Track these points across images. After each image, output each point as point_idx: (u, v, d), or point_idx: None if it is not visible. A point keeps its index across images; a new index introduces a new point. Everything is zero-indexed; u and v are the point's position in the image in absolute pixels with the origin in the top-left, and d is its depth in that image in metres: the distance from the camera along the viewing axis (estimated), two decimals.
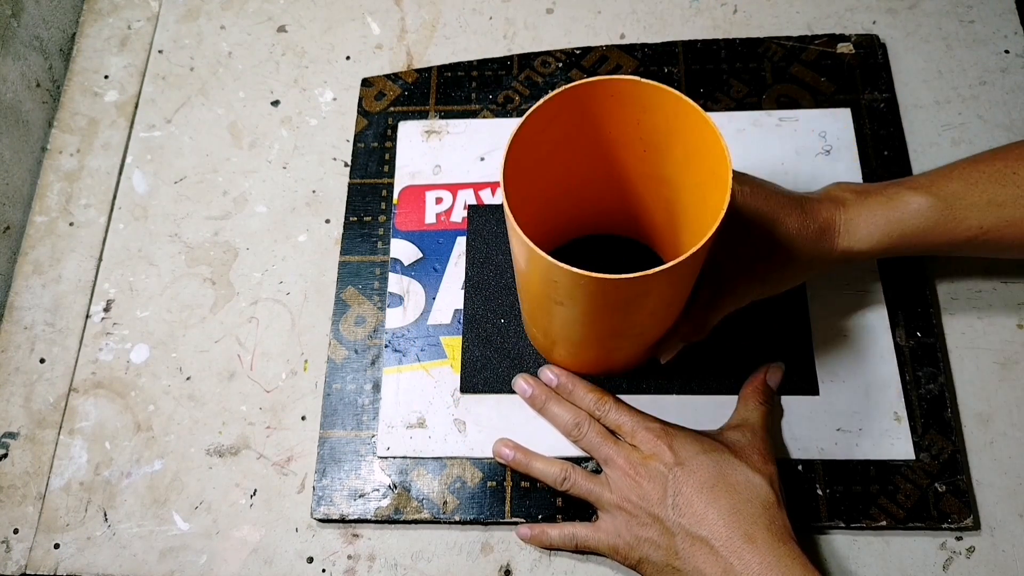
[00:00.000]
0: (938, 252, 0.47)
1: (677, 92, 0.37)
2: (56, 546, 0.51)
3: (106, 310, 0.57)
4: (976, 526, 0.47)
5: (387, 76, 0.61)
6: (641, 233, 0.52)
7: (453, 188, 0.57)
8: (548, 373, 0.50)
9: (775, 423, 0.49)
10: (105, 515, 0.51)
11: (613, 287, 0.35)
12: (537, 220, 0.36)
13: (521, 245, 0.36)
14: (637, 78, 0.38)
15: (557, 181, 0.45)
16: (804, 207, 0.44)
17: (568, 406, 0.48)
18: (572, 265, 0.34)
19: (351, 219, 0.57)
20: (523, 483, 0.49)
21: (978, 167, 0.45)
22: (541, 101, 0.37)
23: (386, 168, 0.58)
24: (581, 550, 0.47)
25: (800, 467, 0.48)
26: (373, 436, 0.51)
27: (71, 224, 0.60)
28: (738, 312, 0.46)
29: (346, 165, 0.59)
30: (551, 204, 0.46)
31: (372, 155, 0.59)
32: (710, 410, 0.50)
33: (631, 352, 0.48)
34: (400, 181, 0.57)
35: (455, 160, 0.58)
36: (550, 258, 0.35)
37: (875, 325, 0.51)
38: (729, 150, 0.36)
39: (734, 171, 0.41)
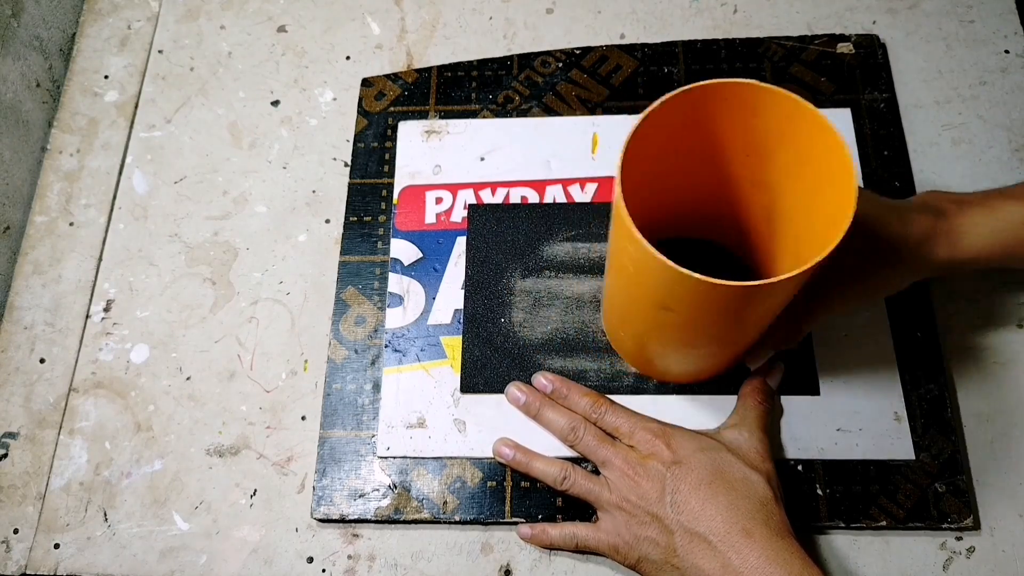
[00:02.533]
0: None
1: (794, 95, 0.37)
2: (56, 546, 0.51)
3: (106, 310, 0.57)
4: (976, 526, 0.47)
5: (387, 76, 0.61)
6: (728, 238, 0.51)
7: (453, 188, 0.57)
8: (541, 379, 0.50)
9: (775, 422, 0.49)
10: (105, 515, 0.51)
11: (735, 294, 0.34)
12: (638, 221, 0.35)
13: (636, 247, 0.35)
14: (753, 81, 0.37)
15: (660, 182, 0.44)
16: (904, 215, 0.43)
17: (563, 411, 0.48)
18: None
19: (351, 219, 0.57)
20: (523, 483, 0.49)
21: None
22: (658, 102, 0.37)
23: (386, 168, 0.58)
24: (581, 550, 0.47)
25: (800, 467, 0.48)
26: (373, 436, 0.51)
27: (71, 224, 0.60)
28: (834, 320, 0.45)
29: (346, 165, 0.59)
30: (652, 206, 0.45)
31: (372, 155, 0.59)
32: (710, 410, 0.50)
33: (725, 359, 0.47)
34: (400, 181, 0.57)
35: (455, 160, 0.58)
36: (671, 263, 0.34)
37: (875, 325, 0.51)
38: (852, 157, 0.35)
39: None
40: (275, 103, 0.62)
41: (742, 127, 0.40)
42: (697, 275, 0.33)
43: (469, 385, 0.52)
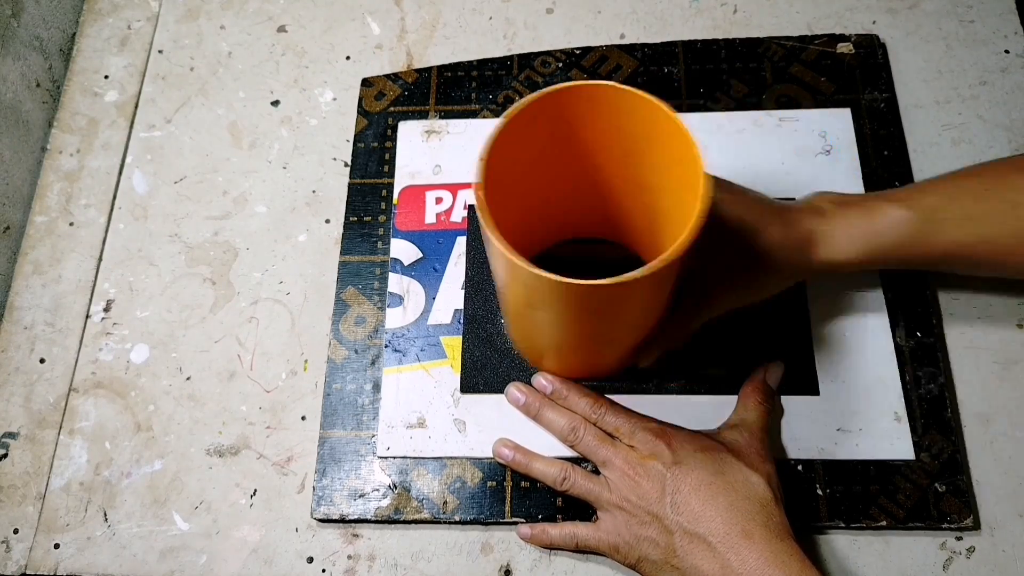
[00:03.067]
0: (916, 266, 0.47)
1: (652, 97, 0.37)
2: (56, 546, 0.51)
3: (106, 310, 0.57)
4: (976, 526, 0.47)
5: (387, 76, 0.61)
6: (623, 237, 0.52)
7: (453, 188, 0.57)
8: (541, 380, 0.50)
9: (775, 423, 0.49)
10: (105, 515, 0.51)
11: (590, 292, 0.35)
12: (516, 226, 0.36)
13: (498, 253, 0.36)
14: (614, 84, 0.38)
15: (535, 186, 0.44)
16: (785, 217, 0.44)
17: (563, 411, 0.48)
18: (553, 270, 0.34)
19: (351, 219, 0.57)
20: (523, 483, 0.49)
21: (957, 182, 0.45)
22: (517, 105, 0.37)
23: (386, 168, 0.58)
24: (581, 549, 0.47)
25: (800, 467, 0.48)
26: (373, 436, 0.51)
27: (71, 224, 0.60)
28: (718, 319, 0.46)
29: (346, 165, 0.59)
30: (529, 209, 0.46)
31: (372, 155, 0.59)
32: (710, 410, 0.50)
33: (612, 357, 0.48)
34: (400, 181, 0.57)
35: (455, 160, 0.58)
36: (526, 264, 0.34)
37: (875, 325, 0.51)
38: (703, 156, 0.36)
39: (717, 178, 0.41)
40: (275, 103, 0.62)
41: (613, 129, 0.41)
42: (544, 273, 0.34)
43: (469, 385, 0.52)
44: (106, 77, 0.64)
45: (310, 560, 0.50)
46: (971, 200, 0.44)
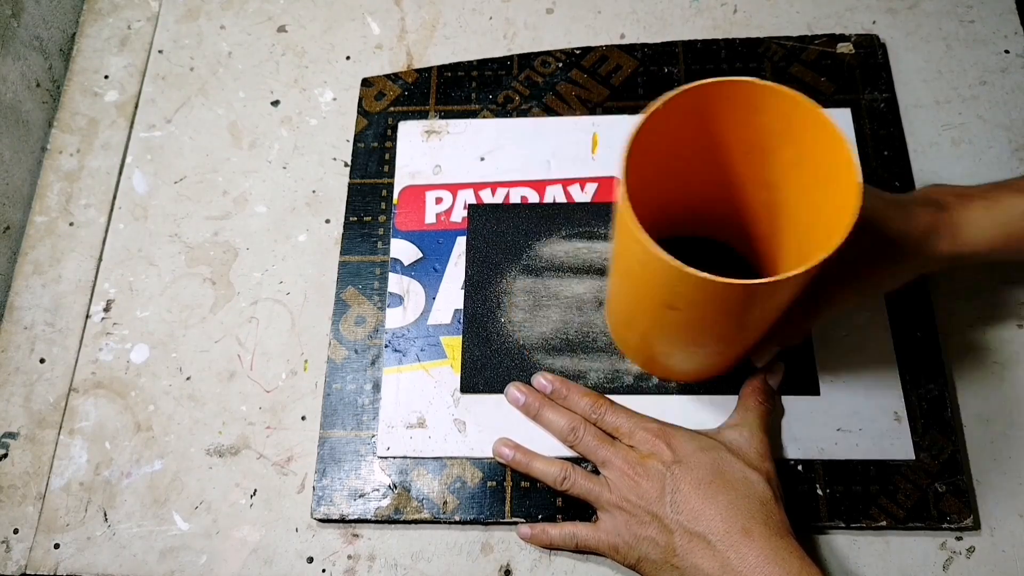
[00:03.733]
0: None
1: (794, 92, 0.37)
2: (56, 546, 0.51)
3: (106, 310, 0.57)
4: (976, 526, 0.47)
5: (387, 76, 0.61)
6: (731, 236, 0.51)
7: (453, 188, 0.57)
8: (541, 379, 0.50)
9: (775, 423, 0.49)
10: (105, 515, 0.51)
11: (740, 292, 0.34)
12: (641, 221, 0.36)
13: (640, 247, 0.35)
14: (753, 79, 0.37)
15: (662, 181, 0.43)
16: (906, 209, 0.43)
17: (562, 411, 0.48)
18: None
19: (351, 219, 0.57)
20: (523, 483, 0.49)
21: None
22: (659, 102, 0.37)
23: (386, 168, 0.58)
24: (581, 549, 0.47)
25: (800, 467, 0.48)
26: (373, 436, 0.51)
27: (71, 224, 0.60)
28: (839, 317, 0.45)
29: (346, 165, 0.59)
30: (654, 205, 0.44)
31: (372, 155, 0.59)
32: (710, 410, 0.50)
33: (730, 357, 0.47)
34: (400, 181, 0.57)
35: (455, 160, 0.58)
36: (676, 262, 0.34)
37: (875, 325, 0.51)
38: (855, 156, 0.35)
39: None
40: (275, 103, 0.62)
41: (743, 125, 0.40)
42: (703, 274, 0.33)
43: (469, 385, 0.52)
44: (106, 77, 0.64)
45: (310, 560, 0.50)
46: None
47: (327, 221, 0.58)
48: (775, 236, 0.46)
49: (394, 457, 0.50)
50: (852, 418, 0.49)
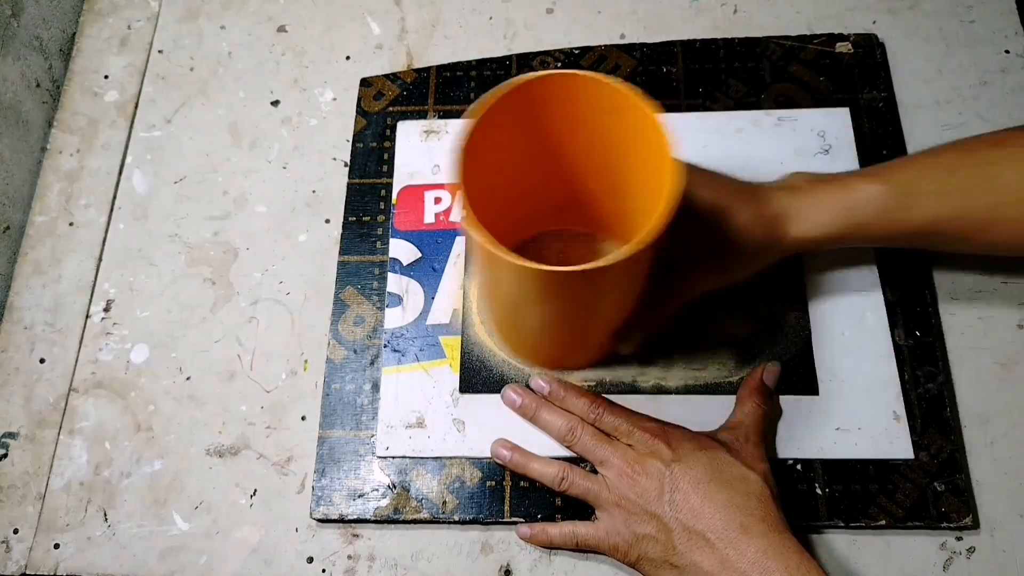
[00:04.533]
0: (892, 242, 0.47)
1: (611, 81, 0.38)
2: (56, 546, 0.51)
3: (106, 310, 0.57)
4: (975, 525, 0.47)
5: (386, 76, 0.61)
6: (594, 226, 0.52)
7: (452, 188, 0.57)
8: (539, 381, 0.50)
9: (774, 424, 0.49)
10: (105, 515, 0.51)
11: (565, 278, 0.35)
12: (493, 220, 0.37)
13: (479, 245, 0.36)
14: (574, 71, 0.38)
15: (508, 178, 0.45)
16: (756, 196, 0.44)
17: (560, 412, 0.48)
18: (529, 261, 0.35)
19: (350, 219, 0.57)
20: (522, 483, 0.49)
21: (932, 157, 0.45)
22: (488, 97, 0.38)
23: (385, 168, 0.58)
24: (581, 549, 0.47)
25: (799, 466, 0.48)
26: (372, 436, 0.51)
27: (71, 224, 0.60)
28: (695, 302, 0.47)
29: (346, 165, 0.59)
30: (505, 202, 0.46)
31: (371, 155, 0.59)
32: (709, 411, 0.49)
33: (591, 345, 0.49)
34: (399, 181, 0.58)
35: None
36: (505, 253, 0.35)
37: (875, 325, 0.51)
38: (671, 141, 0.36)
39: (687, 163, 0.42)
40: (275, 103, 0.62)
41: (579, 117, 0.41)
42: (523, 261, 0.35)
43: (468, 385, 0.52)
44: (106, 77, 0.64)
45: (310, 560, 0.50)
46: (946, 174, 0.44)
47: (327, 221, 0.58)
48: (627, 224, 0.47)
49: (393, 457, 0.50)
50: (851, 417, 0.49)
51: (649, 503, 0.43)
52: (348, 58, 0.63)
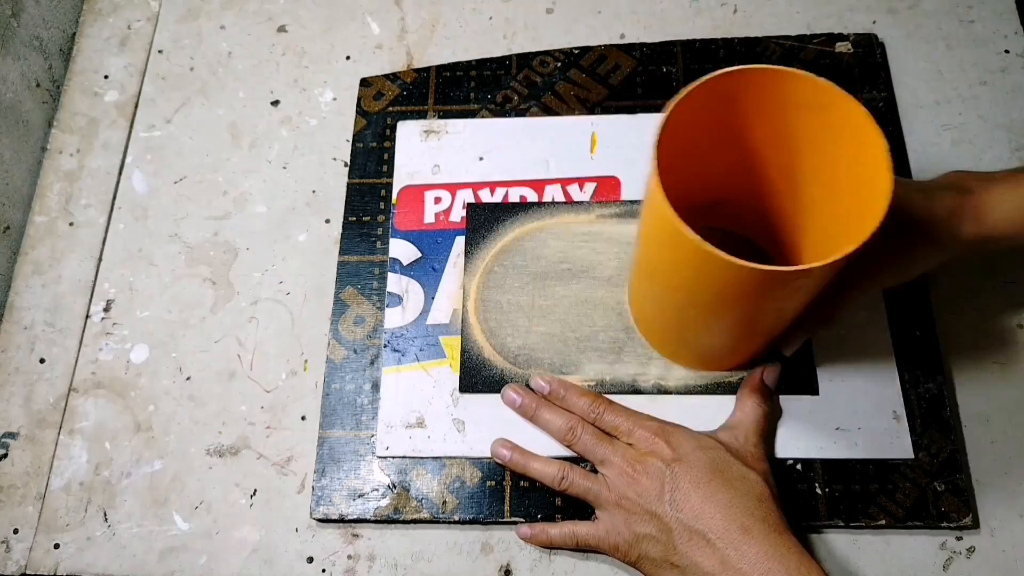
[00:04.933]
0: None
1: (826, 81, 0.37)
2: (56, 546, 0.51)
3: (106, 310, 0.57)
4: (975, 525, 0.47)
5: (386, 76, 0.61)
6: (751, 228, 0.51)
7: (452, 188, 0.57)
8: (539, 380, 0.50)
9: (773, 424, 0.49)
10: (105, 515, 0.51)
11: (771, 279, 0.34)
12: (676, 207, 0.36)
13: (672, 231, 0.35)
14: (782, 68, 0.37)
15: (688, 171, 0.43)
16: (928, 193, 0.43)
17: (559, 411, 0.48)
18: None
19: (350, 219, 0.57)
20: (522, 483, 0.49)
21: None
22: (690, 88, 0.37)
23: (385, 168, 0.58)
24: (581, 548, 0.47)
25: (799, 466, 0.48)
26: (372, 436, 0.51)
27: (71, 224, 0.60)
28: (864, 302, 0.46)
29: (346, 165, 0.59)
30: (680, 194, 0.45)
31: (371, 155, 0.59)
32: (710, 410, 0.49)
33: (758, 345, 0.48)
34: (399, 181, 0.58)
35: (454, 160, 0.58)
36: (715, 250, 0.34)
37: (875, 324, 0.51)
38: (886, 145, 0.35)
39: None
40: (275, 103, 0.62)
41: (771, 114, 0.40)
42: (736, 259, 0.34)
43: (468, 385, 0.52)
44: (106, 77, 0.64)
45: (310, 560, 0.50)
46: None
47: (327, 221, 0.58)
48: (799, 226, 0.46)
49: (393, 457, 0.50)
50: (851, 417, 0.49)
51: (649, 502, 0.43)
52: (348, 58, 0.63)
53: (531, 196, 0.56)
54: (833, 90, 0.37)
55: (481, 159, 0.58)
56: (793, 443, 0.49)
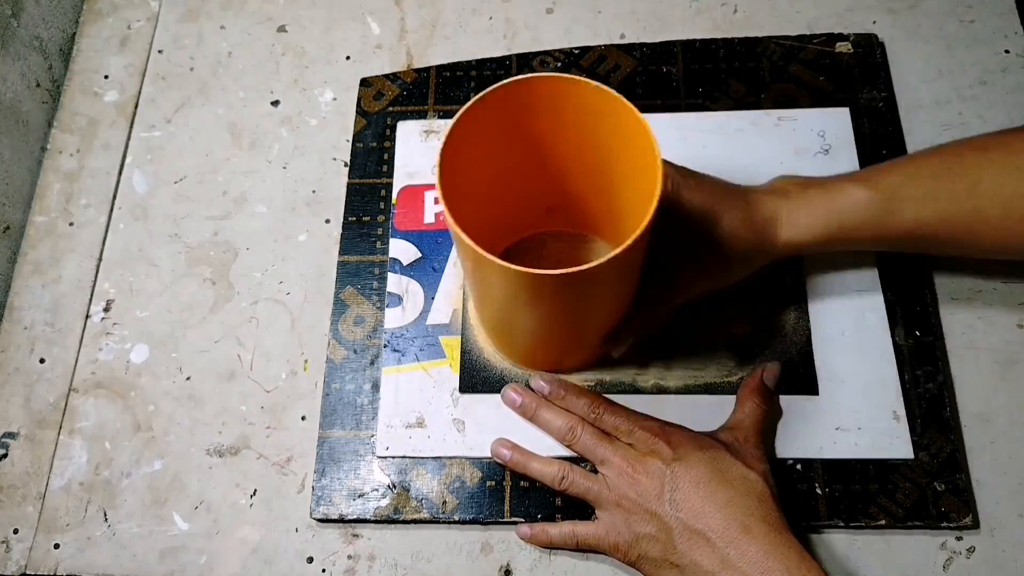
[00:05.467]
0: (879, 246, 0.48)
1: (597, 83, 0.38)
2: (56, 546, 0.51)
3: (106, 310, 0.57)
4: (975, 525, 0.47)
5: (386, 76, 0.61)
6: (589, 227, 0.52)
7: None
8: (539, 381, 0.50)
9: (774, 424, 0.49)
10: (105, 515, 0.51)
11: (554, 281, 0.35)
12: (482, 223, 0.38)
13: (466, 248, 0.36)
14: (559, 75, 0.39)
15: (497, 182, 0.45)
16: (746, 200, 0.45)
17: (559, 411, 0.48)
18: (525, 264, 0.35)
19: (350, 219, 0.57)
20: (522, 483, 0.49)
21: (918, 162, 0.46)
22: (469, 103, 0.38)
23: (385, 168, 0.58)
24: (581, 548, 0.47)
25: (799, 466, 0.48)
26: (372, 436, 0.51)
27: (71, 224, 0.60)
28: (691, 305, 0.47)
29: (346, 165, 0.59)
30: (494, 206, 0.47)
31: (371, 155, 0.59)
32: (710, 411, 0.49)
33: (583, 347, 0.49)
34: (399, 181, 0.58)
35: None
36: (492, 258, 0.35)
37: (875, 325, 0.51)
38: (657, 142, 0.36)
39: (676, 165, 0.43)
40: (275, 103, 0.62)
41: (566, 119, 0.41)
42: (509, 265, 0.35)
43: (468, 385, 0.52)
44: (106, 77, 0.64)
45: (310, 560, 0.50)
46: (930, 179, 0.45)
47: (327, 221, 0.58)
48: (617, 225, 0.47)
49: (393, 457, 0.50)
50: (851, 417, 0.49)
51: (649, 502, 0.43)
52: (348, 58, 0.63)
53: None
54: (610, 95, 0.38)
55: None
56: (793, 443, 0.49)
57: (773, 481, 0.44)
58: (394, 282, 0.55)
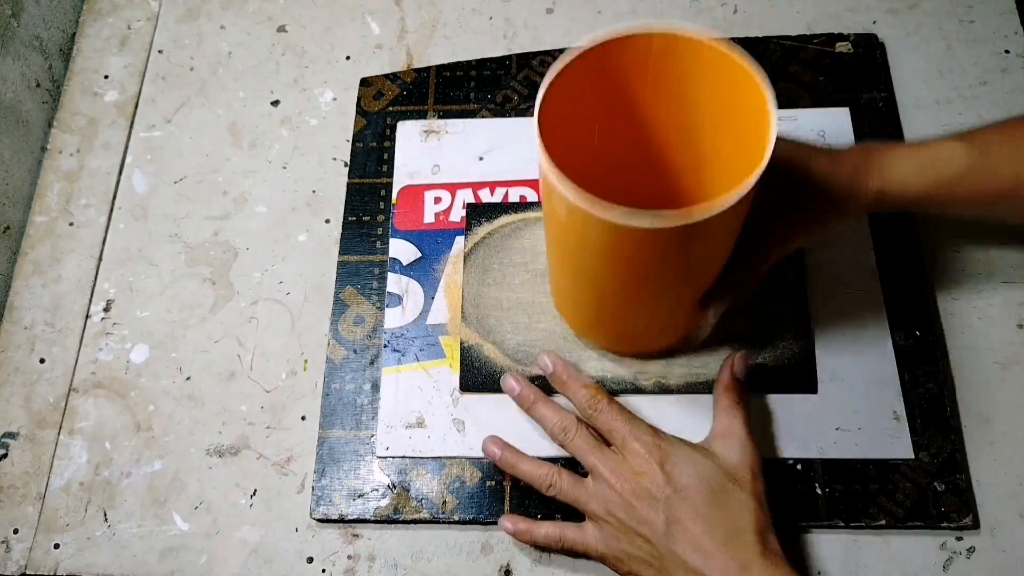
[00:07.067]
0: (974, 208, 0.47)
1: (709, 39, 0.37)
2: (56, 546, 0.51)
3: (106, 310, 0.57)
4: (975, 525, 0.47)
5: (386, 76, 0.61)
6: (655, 202, 0.51)
7: (452, 188, 0.57)
8: (545, 359, 0.49)
9: (769, 423, 0.49)
10: (105, 515, 0.51)
11: (664, 235, 0.34)
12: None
13: (562, 200, 0.35)
14: (665, 29, 0.38)
15: (584, 141, 0.43)
16: (835, 155, 0.44)
17: (556, 408, 0.48)
18: None
19: (350, 219, 0.57)
20: (522, 483, 0.49)
21: (1013, 123, 0.45)
22: (569, 57, 0.37)
23: (385, 168, 0.58)
24: (567, 552, 0.47)
25: (799, 466, 0.48)
26: (372, 436, 0.51)
27: (71, 224, 0.60)
28: (784, 261, 0.46)
29: (346, 165, 0.59)
30: (576, 165, 0.45)
31: (371, 155, 0.59)
32: (708, 411, 0.49)
33: (677, 316, 0.47)
34: (399, 181, 0.58)
35: (454, 160, 0.58)
36: (598, 208, 0.33)
37: (875, 324, 0.51)
38: (769, 90, 0.35)
39: None
40: (275, 103, 0.62)
41: (662, 78, 0.40)
42: (622, 218, 0.33)
43: (468, 385, 0.52)
44: (106, 77, 0.64)
45: (310, 560, 0.50)
46: None
47: (327, 221, 0.58)
48: (701, 191, 0.46)
49: (393, 457, 0.50)
50: (851, 417, 0.49)
51: (642, 527, 0.43)
52: (348, 58, 0.64)
53: (531, 196, 0.56)
54: (716, 48, 0.37)
55: (481, 159, 0.58)
56: (793, 443, 0.49)
57: (767, 499, 0.44)
58: (394, 282, 0.55)
